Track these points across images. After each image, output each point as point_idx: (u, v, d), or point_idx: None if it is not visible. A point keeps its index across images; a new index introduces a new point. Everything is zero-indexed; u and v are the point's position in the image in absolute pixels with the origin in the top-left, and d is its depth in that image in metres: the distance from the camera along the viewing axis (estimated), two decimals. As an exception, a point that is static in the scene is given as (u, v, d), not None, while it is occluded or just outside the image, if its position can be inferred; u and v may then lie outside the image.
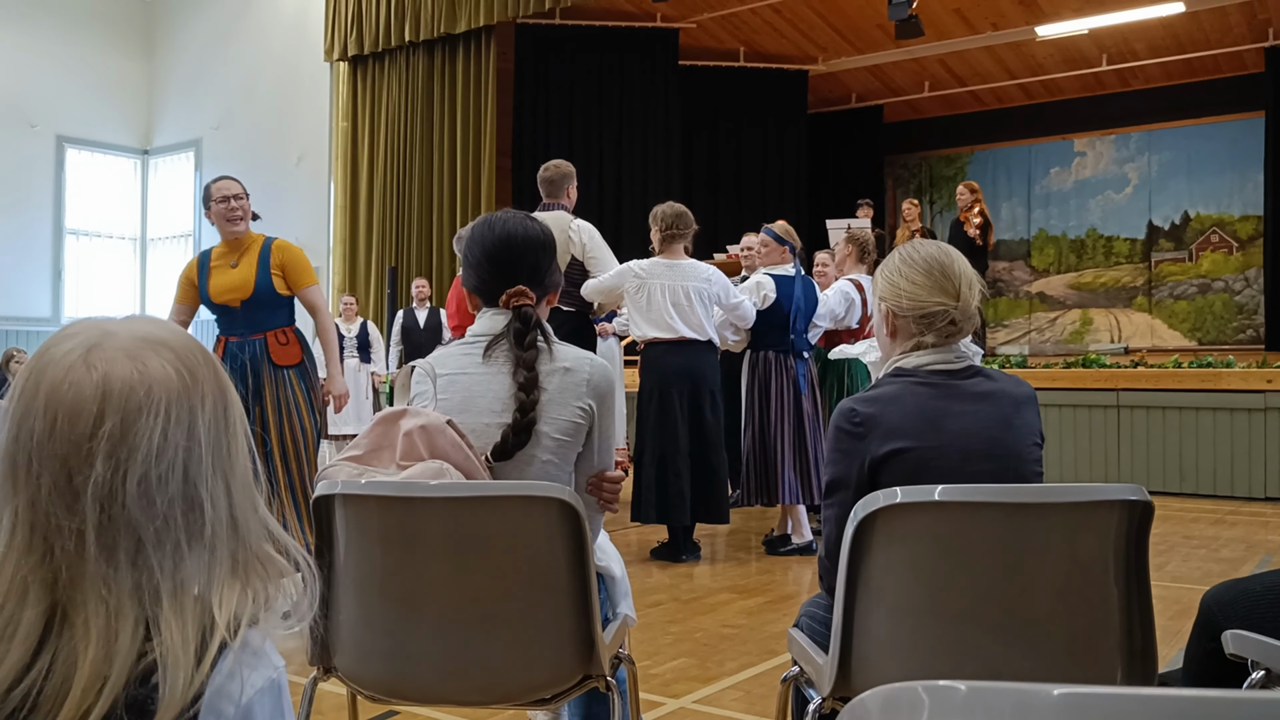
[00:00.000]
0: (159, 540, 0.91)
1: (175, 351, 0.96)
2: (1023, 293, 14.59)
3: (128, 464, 0.90)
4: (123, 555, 0.90)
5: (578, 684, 1.97)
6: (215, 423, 0.97)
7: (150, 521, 0.91)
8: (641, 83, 12.51)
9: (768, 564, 5.64)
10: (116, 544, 0.90)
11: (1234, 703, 0.61)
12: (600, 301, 5.87)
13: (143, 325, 0.97)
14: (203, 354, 0.98)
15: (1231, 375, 8.20)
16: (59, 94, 13.32)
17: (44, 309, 13.42)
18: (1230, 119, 13.05)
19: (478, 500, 1.87)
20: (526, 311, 2.16)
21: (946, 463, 1.96)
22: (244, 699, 0.93)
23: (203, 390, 0.96)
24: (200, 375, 0.96)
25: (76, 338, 0.94)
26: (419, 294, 10.39)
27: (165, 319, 1.05)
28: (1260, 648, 2.01)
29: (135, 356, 0.93)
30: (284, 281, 4.41)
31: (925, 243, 2.12)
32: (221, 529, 0.96)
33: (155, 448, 0.91)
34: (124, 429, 0.91)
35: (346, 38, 12.18)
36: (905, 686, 0.65)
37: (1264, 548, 5.98)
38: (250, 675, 0.94)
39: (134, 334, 0.95)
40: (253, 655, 0.95)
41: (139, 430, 0.91)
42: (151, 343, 0.95)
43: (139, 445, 0.91)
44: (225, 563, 0.96)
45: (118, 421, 0.90)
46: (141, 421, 0.91)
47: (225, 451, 0.97)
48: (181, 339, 0.98)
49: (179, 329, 0.99)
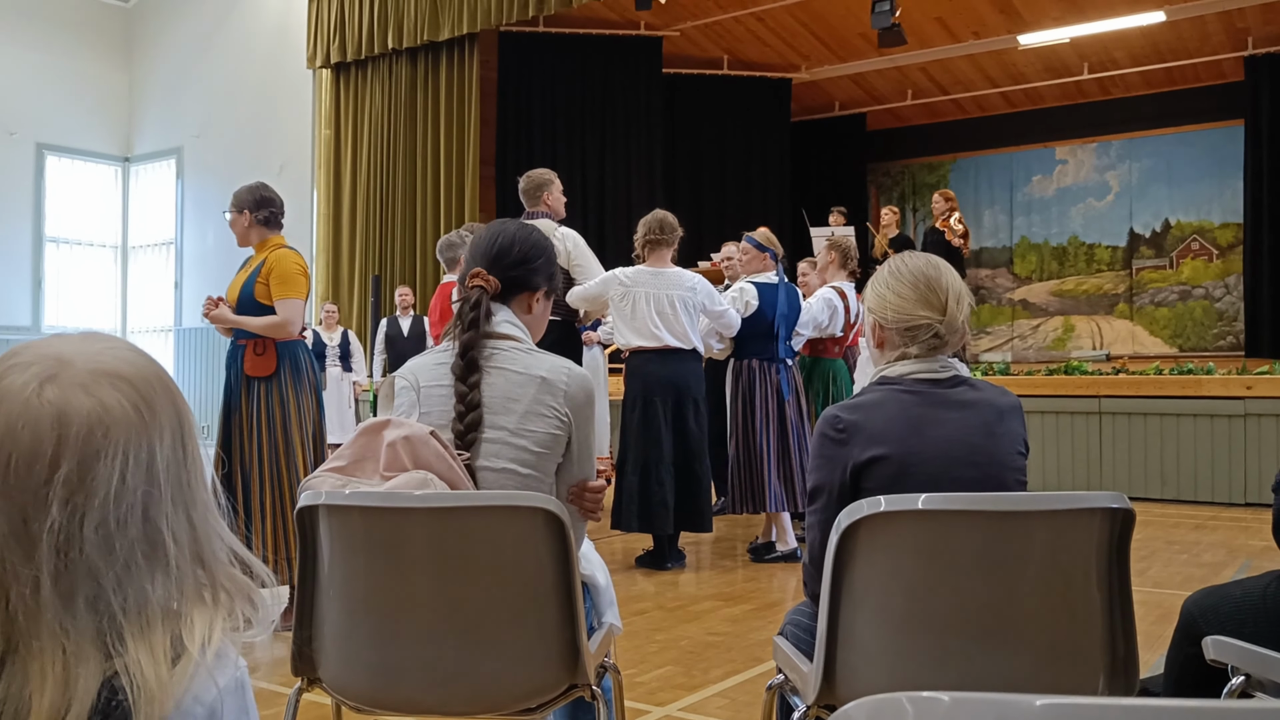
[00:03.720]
0: (119, 583, 0.89)
1: (133, 384, 0.93)
2: (1005, 300, 14.65)
3: (85, 509, 0.87)
4: (81, 601, 0.87)
5: (563, 693, 1.96)
6: (174, 456, 0.94)
7: (110, 567, 0.88)
8: (625, 91, 12.53)
9: (752, 571, 5.65)
10: (75, 590, 0.87)
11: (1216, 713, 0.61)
12: (585, 309, 5.87)
13: (99, 352, 0.94)
14: (159, 382, 0.95)
15: (1212, 382, 8.26)
16: (39, 101, 13.25)
17: (24, 318, 13.34)
18: (1210, 127, 13.16)
19: (462, 510, 1.87)
20: (474, 292, 2.15)
21: (928, 470, 1.97)
22: (210, 699, 0.92)
23: (160, 423, 0.93)
24: (158, 407, 0.94)
25: (31, 369, 0.90)
26: (402, 302, 10.38)
27: (120, 338, 1.03)
28: (1240, 653, 2.02)
29: (92, 392, 0.90)
30: (268, 290, 4.38)
31: (915, 255, 2.14)
32: (186, 563, 0.94)
33: (114, 491, 0.88)
34: (81, 473, 0.87)
35: (329, 45, 12.16)
36: (890, 697, 0.66)
37: (1244, 553, 6.02)
38: (217, 676, 0.94)
39: (90, 364, 0.92)
40: (218, 659, 0.95)
41: (97, 474, 0.88)
42: (109, 375, 0.92)
43: (97, 490, 0.88)
44: (192, 593, 0.94)
45: (74, 466, 0.87)
46: (100, 465, 0.88)
47: (185, 485, 0.95)
48: (139, 368, 0.95)
49: (136, 353, 0.96)
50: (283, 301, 4.35)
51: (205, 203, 13.27)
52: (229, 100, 13.17)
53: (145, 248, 14.33)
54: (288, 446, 4.35)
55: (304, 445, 4.40)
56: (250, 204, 4.50)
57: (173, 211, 13.88)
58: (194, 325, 13.28)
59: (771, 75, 13.52)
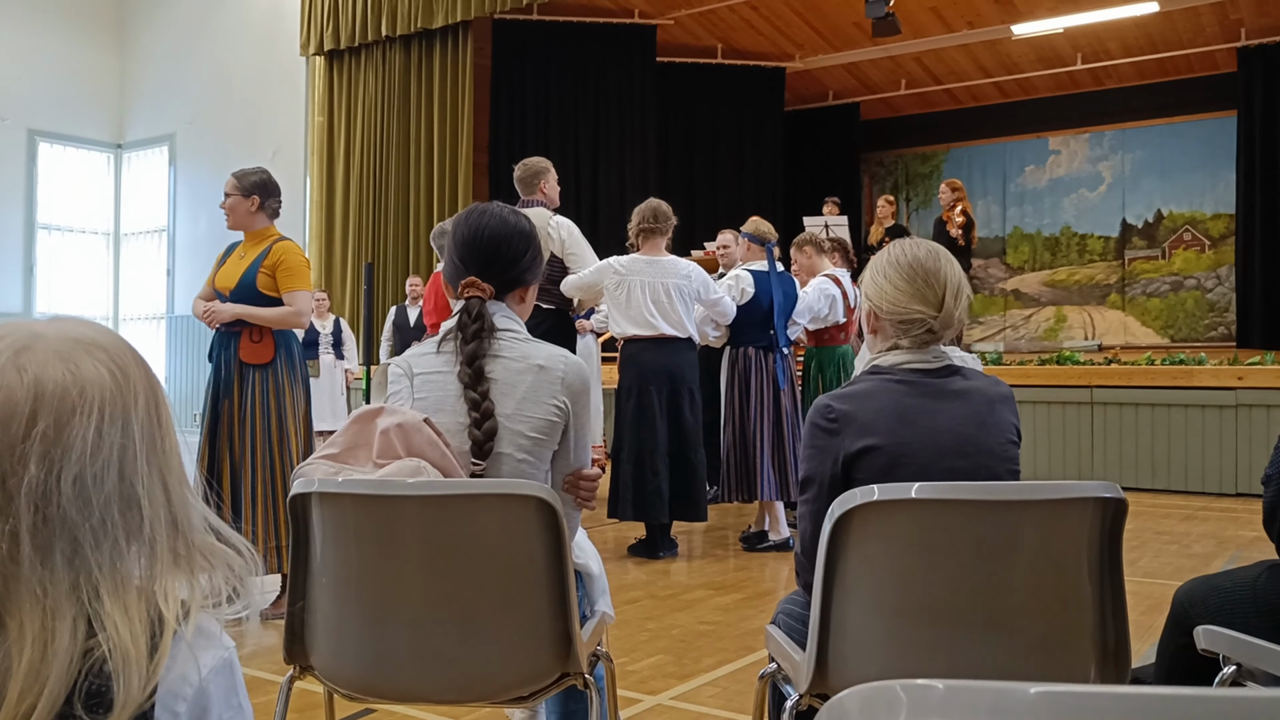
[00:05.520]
0: (96, 540, 0.90)
1: (107, 351, 0.95)
2: (998, 290, 14.67)
3: (62, 464, 0.89)
4: (59, 556, 0.89)
5: (555, 681, 1.97)
6: (149, 420, 0.96)
7: (86, 520, 0.90)
8: (618, 79, 12.50)
9: (745, 560, 5.65)
10: (52, 545, 0.89)
11: (1208, 701, 0.62)
12: (580, 298, 5.86)
13: (72, 326, 0.96)
14: (133, 354, 0.98)
15: (1203, 372, 8.28)
16: (30, 87, 13.19)
17: (16, 304, 13.30)
18: (1203, 118, 13.17)
19: (455, 498, 1.87)
20: (472, 304, 2.16)
21: (919, 459, 1.97)
22: (198, 680, 0.93)
23: (135, 388, 0.95)
24: (132, 374, 0.96)
25: (4, 340, 0.92)
26: (413, 292, 10.32)
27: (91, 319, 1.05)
28: (1231, 643, 2.03)
29: (67, 358, 0.92)
30: (273, 282, 4.39)
31: (917, 244, 2.11)
32: (160, 525, 0.95)
33: (90, 447, 0.90)
34: (57, 430, 0.89)
35: (322, 32, 12.11)
36: (883, 686, 0.66)
37: (1234, 543, 6.04)
38: (202, 656, 0.94)
39: (63, 335, 0.94)
40: (204, 638, 0.96)
41: (73, 430, 0.90)
42: (83, 344, 0.94)
43: (73, 445, 0.90)
44: (167, 557, 0.95)
45: (51, 423, 0.89)
46: (75, 421, 0.90)
47: (160, 448, 0.97)
48: (111, 339, 0.97)
49: (108, 330, 0.98)
50: (295, 293, 4.40)
51: (198, 189, 13.22)
52: (222, 87, 13.12)
53: (137, 235, 14.28)
54: (282, 434, 4.36)
55: (297, 433, 4.41)
56: (261, 190, 4.51)
57: (165, 198, 13.83)
58: (186, 313, 13.24)
59: (765, 64, 13.50)
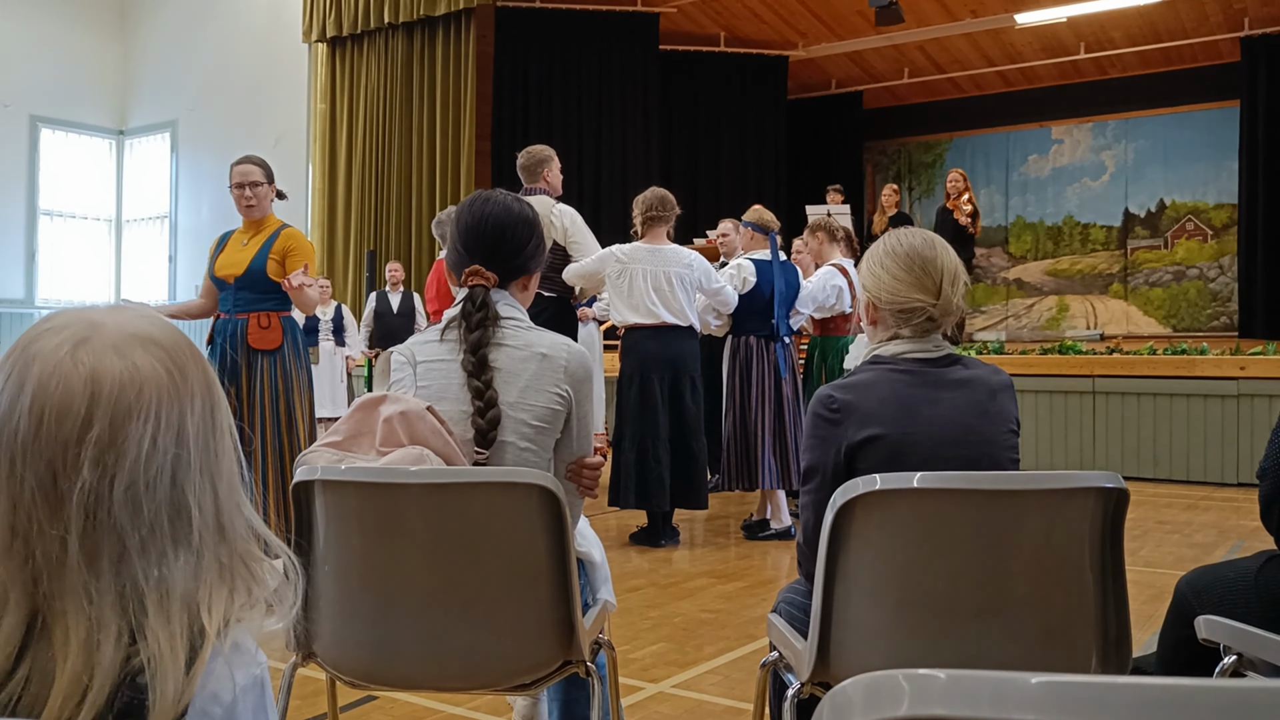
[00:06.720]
0: (144, 547, 0.88)
1: (165, 349, 0.92)
2: (1000, 279, 14.65)
3: (115, 470, 0.87)
4: (106, 563, 0.87)
5: (558, 669, 1.97)
6: (204, 425, 0.94)
7: (136, 529, 0.88)
8: (621, 67, 12.46)
9: (746, 549, 5.66)
10: (100, 551, 0.87)
11: (1209, 691, 0.62)
12: (582, 286, 5.86)
13: (131, 319, 0.93)
14: (191, 350, 0.95)
15: (1205, 362, 8.27)
16: (33, 73, 13.17)
17: (18, 290, 13.31)
18: (1206, 108, 13.12)
19: (458, 486, 1.87)
20: (477, 292, 2.16)
21: (921, 449, 1.97)
22: (229, 697, 0.91)
23: (192, 390, 0.93)
24: (190, 374, 0.93)
25: (63, 331, 0.90)
26: (393, 278, 10.33)
27: (151, 309, 1.02)
28: (1232, 633, 2.04)
29: (125, 354, 0.90)
30: (281, 268, 4.41)
31: (912, 233, 2.11)
32: (209, 534, 0.93)
33: (144, 454, 0.88)
34: (113, 433, 0.87)
35: (325, 19, 12.08)
36: (886, 675, 0.66)
37: (1236, 533, 6.04)
38: (236, 674, 0.92)
39: (122, 328, 0.92)
40: (239, 654, 0.93)
41: (128, 435, 0.88)
42: (141, 339, 0.92)
43: (128, 451, 0.88)
44: (212, 567, 0.93)
45: (106, 425, 0.87)
46: (131, 426, 0.88)
47: (213, 454, 0.95)
48: (170, 334, 0.94)
49: (168, 323, 0.96)
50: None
51: (200, 176, 13.21)
52: (224, 74, 13.10)
53: (139, 221, 14.28)
54: (290, 419, 4.40)
55: (304, 418, 4.45)
56: (273, 178, 4.63)
57: (167, 185, 13.83)
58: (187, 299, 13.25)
59: (768, 53, 13.45)
